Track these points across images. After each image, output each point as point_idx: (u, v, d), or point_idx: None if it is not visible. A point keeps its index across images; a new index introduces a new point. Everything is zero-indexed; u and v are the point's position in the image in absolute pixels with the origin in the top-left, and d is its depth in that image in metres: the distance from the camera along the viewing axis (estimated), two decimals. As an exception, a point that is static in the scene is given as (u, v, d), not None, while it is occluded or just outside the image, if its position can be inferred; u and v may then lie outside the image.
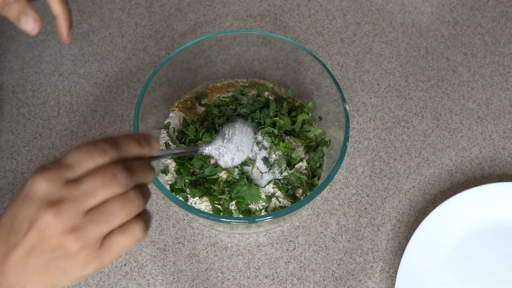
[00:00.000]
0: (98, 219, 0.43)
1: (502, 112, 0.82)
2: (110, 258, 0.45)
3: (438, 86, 0.84)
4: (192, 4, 0.90)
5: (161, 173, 0.71)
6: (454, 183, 0.77)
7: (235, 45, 0.74)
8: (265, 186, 0.69)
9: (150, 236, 0.73)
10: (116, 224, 0.44)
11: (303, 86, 0.76)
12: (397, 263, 0.71)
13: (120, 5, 0.90)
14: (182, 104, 0.77)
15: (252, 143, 0.67)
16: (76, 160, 0.44)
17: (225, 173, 0.69)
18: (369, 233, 0.73)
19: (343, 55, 0.86)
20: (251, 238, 0.73)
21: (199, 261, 0.71)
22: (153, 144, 0.49)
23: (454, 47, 0.87)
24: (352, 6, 0.90)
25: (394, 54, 0.86)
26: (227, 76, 0.79)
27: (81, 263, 0.44)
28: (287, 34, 0.87)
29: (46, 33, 0.86)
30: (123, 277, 0.70)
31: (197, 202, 0.69)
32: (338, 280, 0.70)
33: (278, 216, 0.62)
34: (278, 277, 0.71)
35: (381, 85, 0.84)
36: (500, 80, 0.84)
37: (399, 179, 0.77)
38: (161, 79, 0.71)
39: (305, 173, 0.71)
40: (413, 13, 0.90)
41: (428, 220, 0.70)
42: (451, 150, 0.79)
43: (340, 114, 0.68)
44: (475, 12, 0.90)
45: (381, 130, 0.80)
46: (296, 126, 0.73)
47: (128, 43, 0.86)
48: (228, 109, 0.74)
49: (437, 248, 0.71)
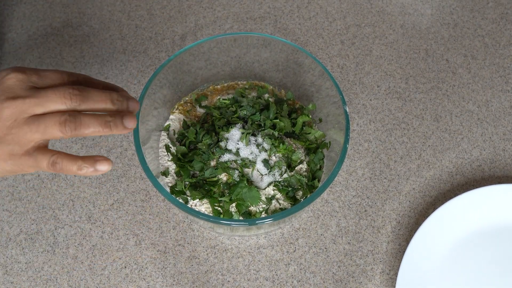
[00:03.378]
0: (32, 123, 0.49)
1: (502, 114, 0.82)
2: (27, 166, 0.51)
3: (438, 88, 0.84)
4: (192, 6, 0.90)
5: (161, 175, 0.71)
6: (454, 185, 0.77)
7: (235, 47, 0.74)
8: (265, 188, 0.69)
9: (150, 238, 0.73)
10: (45, 137, 0.50)
11: (303, 88, 0.76)
12: (398, 265, 0.71)
13: (120, 7, 0.90)
14: (182, 106, 0.77)
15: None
16: (48, 77, 0.52)
17: (225, 175, 0.69)
18: (369, 235, 0.73)
19: (343, 57, 0.86)
20: (251, 240, 0.73)
21: (199, 263, 0.71)
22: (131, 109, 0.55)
23: (454, 49, 0.87)
24: (352, 8, 0.90)
25: (394, 56, 0.86)
26: (227, 78, 0.79)
27: (3, 154, 0.51)
28: (287, 36, 0.87)
29: (46, 35, 0.87)
30: (123, 279, 0.70)
31: (197, 204, 0.69)
32: (339, 282, 0.70)
33: (278, 218, 0.62)
34: (278, 279, 0.70)
35: (381, 87, 0.84)
36: (500, 82, 0.85)
37: (399, 181, 0.77)
38: (161, 81, 0.71)
39: (305, 175, 0.71)
40: (413, 15, 0.90)
41: (428, 222, 0.70)
42: (451, 152, 0.79)
43: (340, 116, 0.68)
44: (475, 14, 0.90)
45: (381, 132, 0.80)
46: (296, 128, 0.73)
47: (128, 45, 0.86)
48: (228, 111, 0.74)
49: (438, 250, 0.70)
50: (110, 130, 0.52)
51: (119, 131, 0.52)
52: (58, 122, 0.49)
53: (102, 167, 0.52)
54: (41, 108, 0.50)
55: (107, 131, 0.52)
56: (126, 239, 0.73)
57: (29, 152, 0.51)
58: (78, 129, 0.50)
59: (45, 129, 0.49)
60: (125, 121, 0.53)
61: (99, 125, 0.51)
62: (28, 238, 0.73)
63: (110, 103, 0.53)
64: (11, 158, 0.51)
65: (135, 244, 0.72)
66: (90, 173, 0.52)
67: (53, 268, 0.71)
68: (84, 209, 0.74)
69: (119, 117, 0.52)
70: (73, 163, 0.51)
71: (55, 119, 0.49)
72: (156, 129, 0.73)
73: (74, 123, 0.50)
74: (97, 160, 0.52)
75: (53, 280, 0.70)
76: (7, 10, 0.89)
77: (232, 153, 0.70)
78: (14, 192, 0.75)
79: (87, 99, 0.51)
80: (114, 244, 0.72)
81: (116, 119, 0.52)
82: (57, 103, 0.50)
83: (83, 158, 0.52)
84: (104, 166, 0.52)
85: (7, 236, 0.73)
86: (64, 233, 0.73)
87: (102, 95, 0.52)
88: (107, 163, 0.52)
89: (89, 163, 0.52)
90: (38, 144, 0.51)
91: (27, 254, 0.72)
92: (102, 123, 0.51)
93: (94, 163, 0.52)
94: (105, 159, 0.52)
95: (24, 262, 0.71)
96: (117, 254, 0.72)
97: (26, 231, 0.73)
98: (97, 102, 0.52)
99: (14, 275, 0.70)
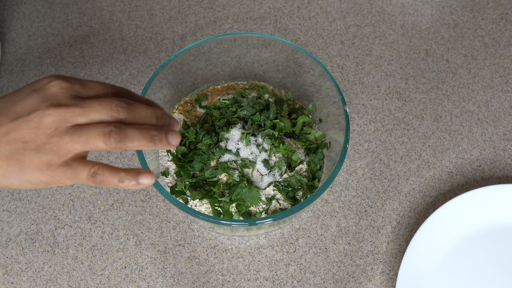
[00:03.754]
0: (74, 133, 0.47)
1: (502, 114, 0.82)
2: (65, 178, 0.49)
3: (438, 88, 0.84)
4: (192, 6, 0.90)
5: (161, 175, 0.71)
6: (454, 185, 0.77)
7: (235, 47, 0.74)
8: (265, 188, 0.69)
9: (150, 238, 0.73)
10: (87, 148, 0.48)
11: (303, 88, 0.76)
12: (398, 265, 0.71)
13: (120, 7, 0.90)
14: (182, 106, 0.77)
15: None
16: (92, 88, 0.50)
17: (225, 175, 0.69)
18: (370, 235, 0.73)
19: (343, 57, 0.86)
20: (252, 240, 0.73)
21: (200, 264, 0.71)
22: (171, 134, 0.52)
23: (454, 49, 0.87)
24: (352, 8, 0.90)
25: (394, 56, 0.86)
26: (227, 78, 0.79)
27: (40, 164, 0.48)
28: (287, 36, 0.87)
29: (46, 36, 0.87)
30: (123, 280, 0.70)
31: (197, 204, 0.69)
32: (339, 282, 0.70)
33: (279, 218, 0.62)
34: (278, 279, 0.70)
35: (381, 87, 0.84)
36: (500, 82, 0.85)
37: (399, 181, 0.77)
38: (161, 82, 0.71)
39: (305, 175, 0.71)
40: (413, 15, 0.90)
41: (429, 222, 0.70)
42: (451, 152, 0.79)
43: (340, 116, 0.68)
44: (475, 14, 0.90)
45: (381, 132, 0.80)
46: (296, 128, 0.73)
47: (128, 45, 0.86)
48: (228, 111, 0.74)
49: (438, 250, 0.70)
50: (155, 145, 0.49)
51: (163, 146, 0.50)
52: (103, 133, 0.47)
53: (145, 180, 0.50)
54: (84, 118, 0.48)
55: (151, 145, 0.49)
56: (126, 239, 0.73)
57: (68, 163, 0.48)
58: (122, 141, 0.48)
59: (87, 139, 0.47)
60: (170, 136, 0.50)
61: (144, 139, 0.49)
62: (28, 238, 0.73)
63: (155, 120, 0.51)
64: (48, 169, 0.48)
65: (135, 244, 0.72)
66: (131, 186, 0.50)
67: (53, 268, 0.71)
68: (84, 209, 0.74)
69: (163, 132, 0.50)
70: (114, 175, 0.49)
71: (99, 130, 0.47)
72: (156, 129, 0.73)
73: (119, 135, 0.48)
74: (140, 173, 0.50)
75: (53, 280, 0.70)
76: (7, 10, 0.89)
77: (232, 153, 0.70)
78: (14, 192, 0.75)
79: (133, 113, 0.49)
80: (114, 244, 0.72)
81: (161, 134, 0.50)
82: (102, 114, 0.48)
83: (126, 170, 0.50)
84: (147, 179, 0.50)
85: (7, 236, 0.73)
86: (64, 233, 0.73)
87: (148, 111, 0.50)
88: (150, 177, 0.50)
89: (132, 175, 0.50)
90: (77, 156, 0.49)
91: (27, 254, 0.72)
92: (147, 138, 0.49)
93: (137, 176, 0.50)
94: (148, 172, 0.50)
95: (24, 262, 0.71)
96: (117, 254, 0.72)
97: (26, 231, 0.73)
98: (142, 117, 0.50)
99: (14, 275, 0.70)
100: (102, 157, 0.78)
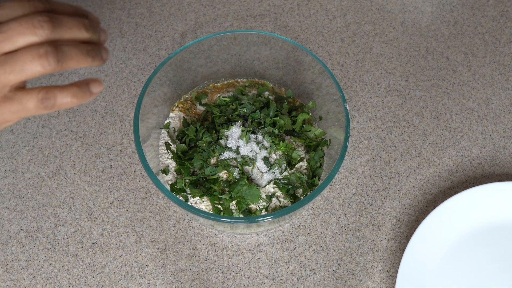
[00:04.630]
0: (5, 63, 0.43)
1: (502, 112, 0.82)
2: (10, 113, 0.45)
3: (438, 85, 0.84)
4: (192, 4, 0.90)
5: (161, 173, 0.71)
6: (455, 183, 0.77)
7: (235, 45, 0.74)
8: (266, 186, 0.69)
9: (151, 236, 0.73)
10: (23, 76, 0.43)
11: (303, 86, 0.76)
12: (398, 262, 0.71)
13: (120, 5, 0.90)
14: (182, 104, 0.77)
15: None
16: (8, 8, 0.44)
17: (225, 173, 0.69)
18: (370, 233, 0.73)
19: (343, 54, 0.86)
20: (252, 238, 0.73)
21: (200, 261, 0.71)
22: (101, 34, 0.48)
23: (454, 47, 0.87)
24: (352, 5, 0.90)
25: (394, 53, 0.86)
26: (227, 76, 0.79)
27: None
28: (287, 34, 0.87)
29: (46, 33, 0.86)
30: (123, 277, 0.70)
31: (198, 202, 0.69)
32: (339, 279, 0.70)
33: (279, 216, 0.62)
34: (278, 276, 0.71)
35: (381, 85, 0.84)
36: (500, 80, 0.84)
37: (400, 179, 0.77)
38: (161, 79, 0.71)
39: (306, 173, 0.71)
40: (413, 12, 0.90)
41: (429, 220, 0.70)
42: (452, 150, 0.79)
43: (340, 113, 0.68)
44: (475, 12, 0.90)
45: (381, 129, 0.80)
46: (297, 126, 0.73)
47: (128, 43, 0.86)
48: (229, 109, 0.74)
49: (438, 248, 0.71)
50: (93, 60, 0.46)
51: (97, 62, 0.47)
52: (38, 55, 0.43)
53: (97, 88, 0.47)
54: (9, 44, 0.43)
55: (90, 61, 0.46)
56: (126, 236, 0.73)
57: (8, 96, 0.44)
58: (61, 60, 0.44)
59: (22, 66, 0.43)
60: (103, 52, 0.48)
61: (82, 55, 0.45)
62: (28, 236, 0.73)
63: (84, 30, 0.46)
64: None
65: (135, 241, 0.72)
66: (87, 98, 0.46)
67: (53, 266, 0.71)
68: (84, 207, 0.74)
69: (96, 47, 0.47)
70: (66, 93, 0.45)
71: (33, 53, 0.43)
72: (156, 127, 0.73)
73: (56, 54, 0.43)
74: (89, 83, 0.47)
75: (53, 278, 0.70)
76: (7, 8, 0.89)
77: (232, 151, 0.70)
78: (14, 190, 0.75)
79: (59, 26, 0.44)
80: (114, 242, 0.72)
81: (95, 48, 0.47)
82: (26, 35, 0.43)
83: (76, 84, 0.46)
84: (99, 87, 0.47)
85: (7, 234, 0.73)
86: (64, 231, 0.73)
87: (74, 21, 0.46)
88: (99, 84, 0.47)
89: (84, 87, 0.46)
90: (15, 87, 0.45)
91: (27, 252, 0.72)
92: (84, 53, 0.45)
93: (88, 86, 0.46)
94: (95, 80, 0.47)
95: (24, 260, 0.71)
96: (117, 252, 0.72)
97: (26, 229, 0.73)
98: (70, 28, 0.45)
99: (14, 273, 0.71)
100: (102, 156, 0.78)
